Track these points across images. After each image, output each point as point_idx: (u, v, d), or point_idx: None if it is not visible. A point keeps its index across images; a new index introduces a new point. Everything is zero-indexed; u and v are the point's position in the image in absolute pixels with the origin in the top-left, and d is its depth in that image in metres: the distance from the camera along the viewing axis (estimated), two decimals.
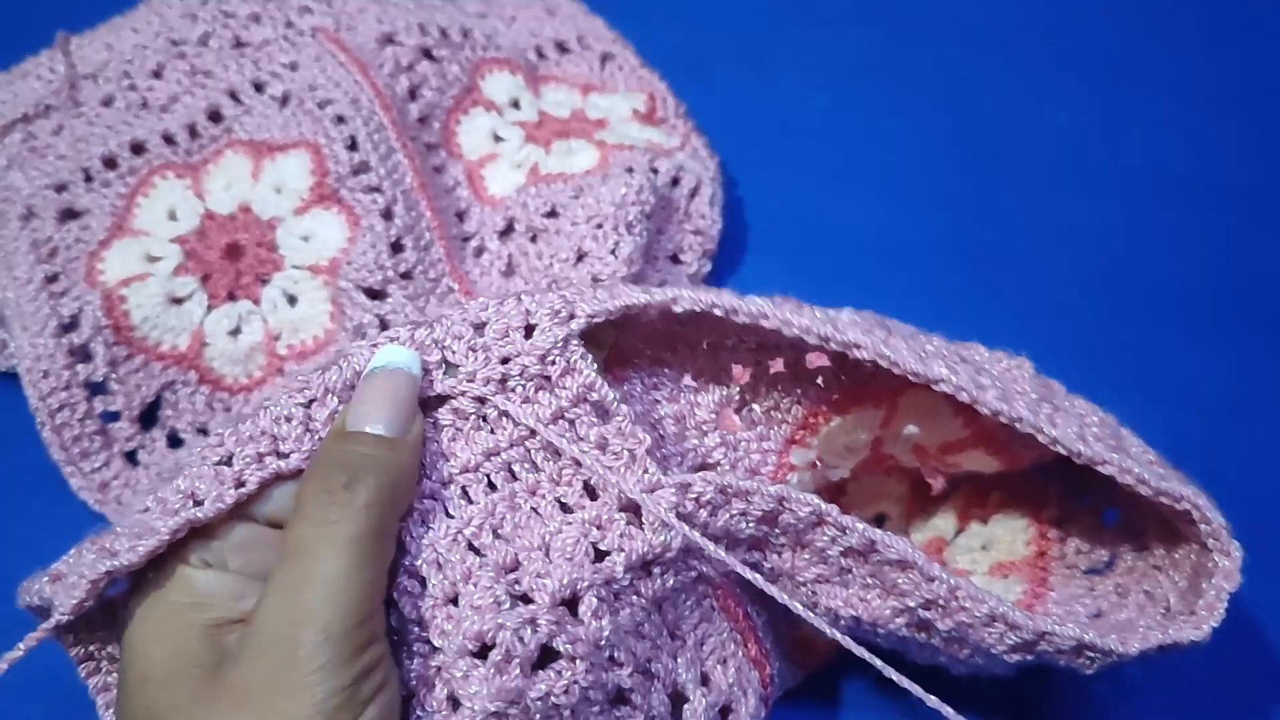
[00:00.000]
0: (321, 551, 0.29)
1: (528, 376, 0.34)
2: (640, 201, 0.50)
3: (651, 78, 0.60)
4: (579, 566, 0.32)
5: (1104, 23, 0.67)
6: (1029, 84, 0.64)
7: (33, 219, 0.50)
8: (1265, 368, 0.54)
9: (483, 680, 0.30)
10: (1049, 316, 0.55)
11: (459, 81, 0.57)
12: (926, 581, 0.34)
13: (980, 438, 0.39)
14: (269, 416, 0.33)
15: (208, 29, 0.56)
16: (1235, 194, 0.60)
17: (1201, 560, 0.36)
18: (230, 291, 0.50)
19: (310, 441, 0.32)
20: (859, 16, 0.67)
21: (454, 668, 0.31)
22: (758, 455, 0.38)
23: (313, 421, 0.33)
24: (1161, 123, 0.63)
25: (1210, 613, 0.35)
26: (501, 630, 0.31)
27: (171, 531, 0.31)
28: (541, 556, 0.33)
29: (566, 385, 0.34)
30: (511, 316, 0.34)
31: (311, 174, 0.51)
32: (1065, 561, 0.42)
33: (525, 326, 0.34)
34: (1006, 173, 0.60)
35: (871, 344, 0.34)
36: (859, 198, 0.59)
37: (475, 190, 0.55)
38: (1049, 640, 0.34)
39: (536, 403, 0.34)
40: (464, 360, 0.34)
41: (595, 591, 0.32)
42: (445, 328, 0.34)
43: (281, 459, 0.32)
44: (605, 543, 0.33)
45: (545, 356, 0.34)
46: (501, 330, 0.34)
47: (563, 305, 0.34)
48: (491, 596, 0.31)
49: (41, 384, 0.46)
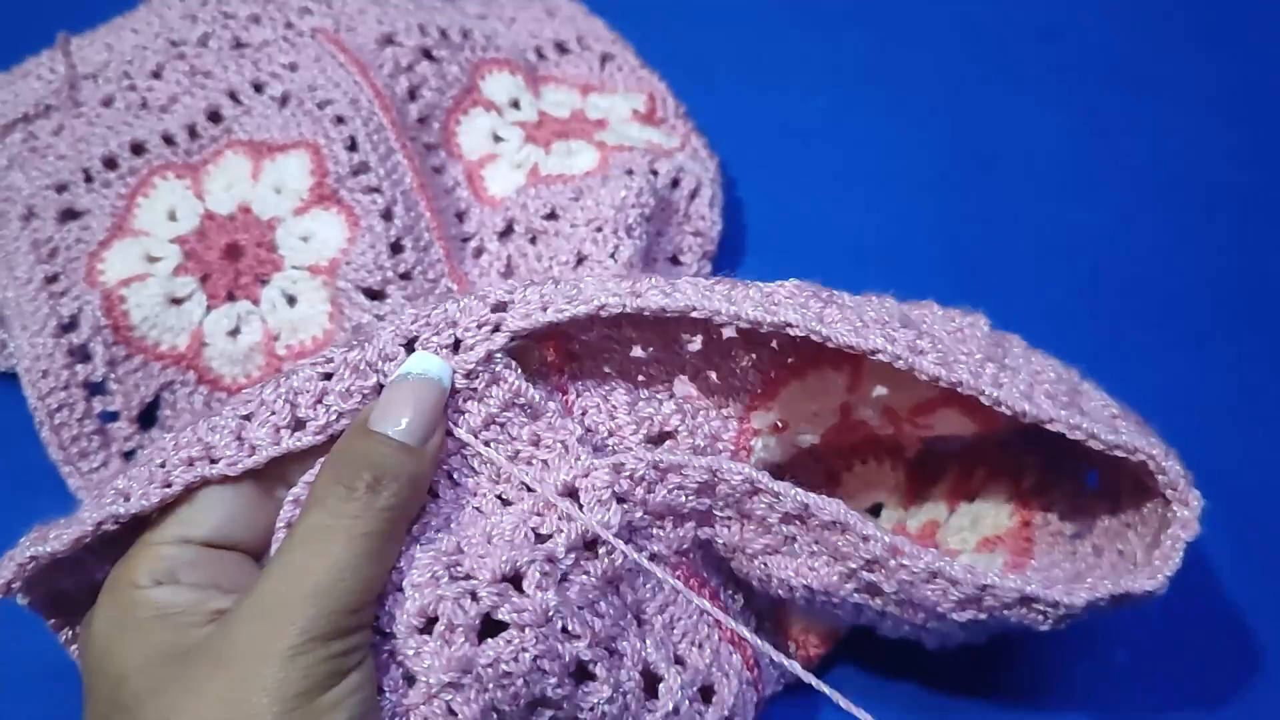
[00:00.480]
0: (336, 539, 0.31)
1: (454, 389, 0.35)
2: (640, 204, 0.50)
3: (651, 78, 0.60)
4: (519, 547, 0.33)
5: (1101, 26, 0.67)
6: (1027, 86, 0.64)
7: (33, 219, 0.50)
8: (1263, 370, 0.54)
9: (432, 654, 0.31)
10: (1046, 317, 0.55)
11: (459, 82, 0.57)
12: (863, 541, 0.35)
13: (950, 398, 0.38)
14: (290, 387, 0.34)
15: (207, 30, 0.56)
16: (1232, 196, 0.60)
17: (1166, 513, 0.36)
18: (229, 292, 0.50)
19: (325, 415, 0.34)
20: (858, 17, 0.67)
21: (405, 648, 0.32)
22: (718, 422, 0.39)
23: (328, 395, 0.34)
24: (1158, 125, 0.63)
25: (1165, 562, 0.35)
26: (442, 601, 0.32)
27: (163, 499, 0.33)
28: (483, 543, 0.34)
29: (493, 395, 0.35)
30: (441, 331, 0.35)
31: (311, 174, 0.51)
32: (1050, 529, 0.42)
33: (453, 343, 0.35)
34: (1004, 174, 0.60)
35: (803, 321, 0.34)
36: (858, 199, 0.59)
37: (475, 191, 0.55)
38: (991, 594, 0.34)
39: (466, 412, 0.35)
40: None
41: (538, 567, 0.33)
42: (377, 346, 0.35)
43: (298, 429, 0.34)
44: (545, 527, 0.34)
45: (471, 374, 0.34)
46: (431, 348, 0.35)
47: (488, 318, 0.35)
48: (430, 573, 0.32)
49: (40, 384, 0.46)
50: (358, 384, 0.34)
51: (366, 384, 0.34)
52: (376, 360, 0.34)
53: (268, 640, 0.29)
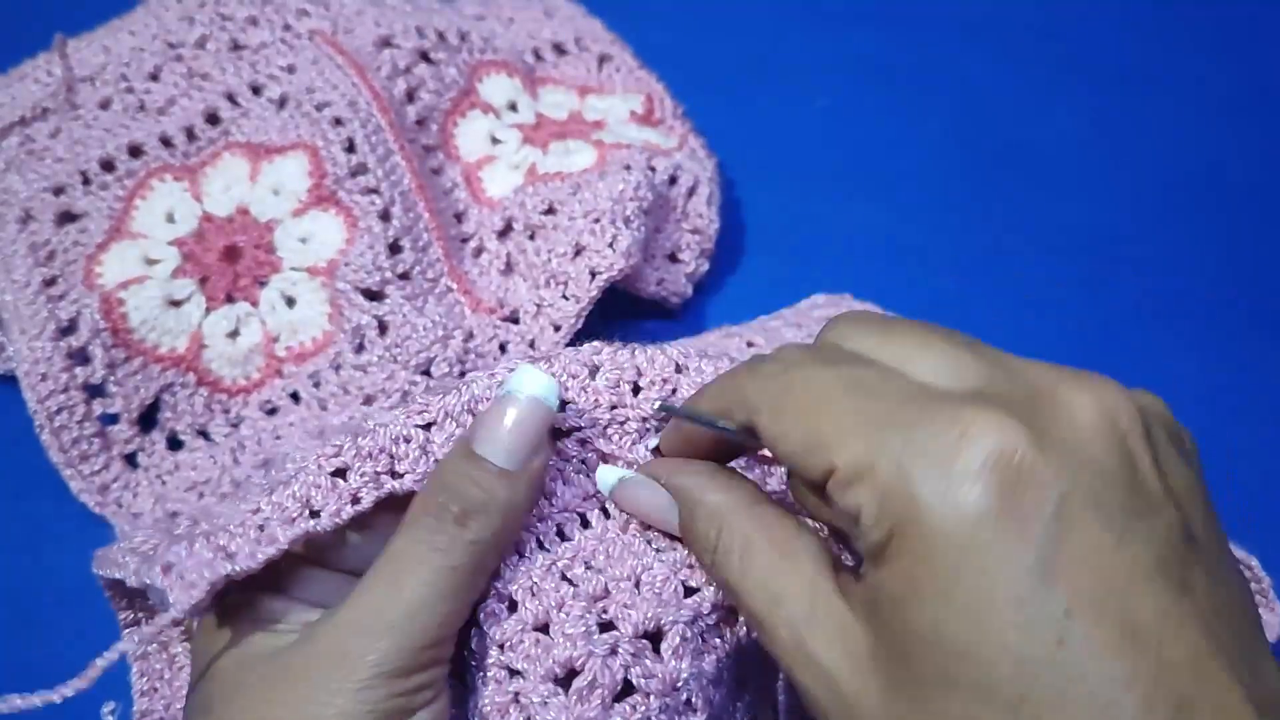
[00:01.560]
0: (417, 571, 0.30)
1: (627, 431, 0.35)
2: (638, 197, 0.50)
3: (649, 79, 0.60)
4: (665, 604, 0.32)
5: (1104, 24, 0.67)
6: (1028, 85, 0.64)
7: (31, 222, 0.50)
8: (1267, 369, 0.54)
9: (561, 708, 0.31)
10: (1047, 318, 0.55)
11: (456, 84, 0.57)
12: None
13: None
14: (387, 435, 0.33)
15: (205, 32, 0.56)
16: (1236, 195, 0.60)
17: None
18: (228, 293, 0.50)
19: (425, 464, 0.33)
20: (857, 17, 0.67)
21: (534, 693, 0.31)
22: None
23: (430, 444, 0.33)
24: (1160, 125, 0.63)
25: None
26: (591, 657, 0.31)
27: (290, 540, 0.31)
28: (631, 588, 0.33)
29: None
30: (624, 369, 0.35)
31: (309, 176, 0.51)
32: None
33: (635, 384, 0.35)
34: (1005, 174, 0.60)
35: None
36: (857, 198, 0.59)
37: (473, 192, 0.55)
38: None
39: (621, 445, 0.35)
40: (577, 397, 0.35)
41: (680, 630, 0.32)
42: (562, 364, 0.35)
43: (396, 479, 0.32)
44: (694, 580, 0.33)
45: (646, 420, 0.35)
46: (614, 380, 0.35)
47: (670, 374, 0.35)
48: (584, 625, 0.32)
49: (40, 387, 0.46)
50: None
51: None
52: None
53: (339, 670, 0.29)
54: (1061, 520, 0.24)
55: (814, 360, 0.28)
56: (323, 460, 0.32)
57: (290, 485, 0.32)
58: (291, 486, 0.32)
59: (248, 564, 0.31)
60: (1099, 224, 0.58)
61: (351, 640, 0.29)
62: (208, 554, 0.31)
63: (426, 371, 0.49)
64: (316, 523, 0.31)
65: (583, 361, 0.35)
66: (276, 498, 0.32)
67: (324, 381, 0.49)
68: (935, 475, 0.24)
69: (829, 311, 0.52)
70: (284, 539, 0.31)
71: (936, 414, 0.25)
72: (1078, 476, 0.24)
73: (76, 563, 0.43)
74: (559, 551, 0.34)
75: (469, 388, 0.34)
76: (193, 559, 0.31)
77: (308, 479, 0.32)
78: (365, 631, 0.29)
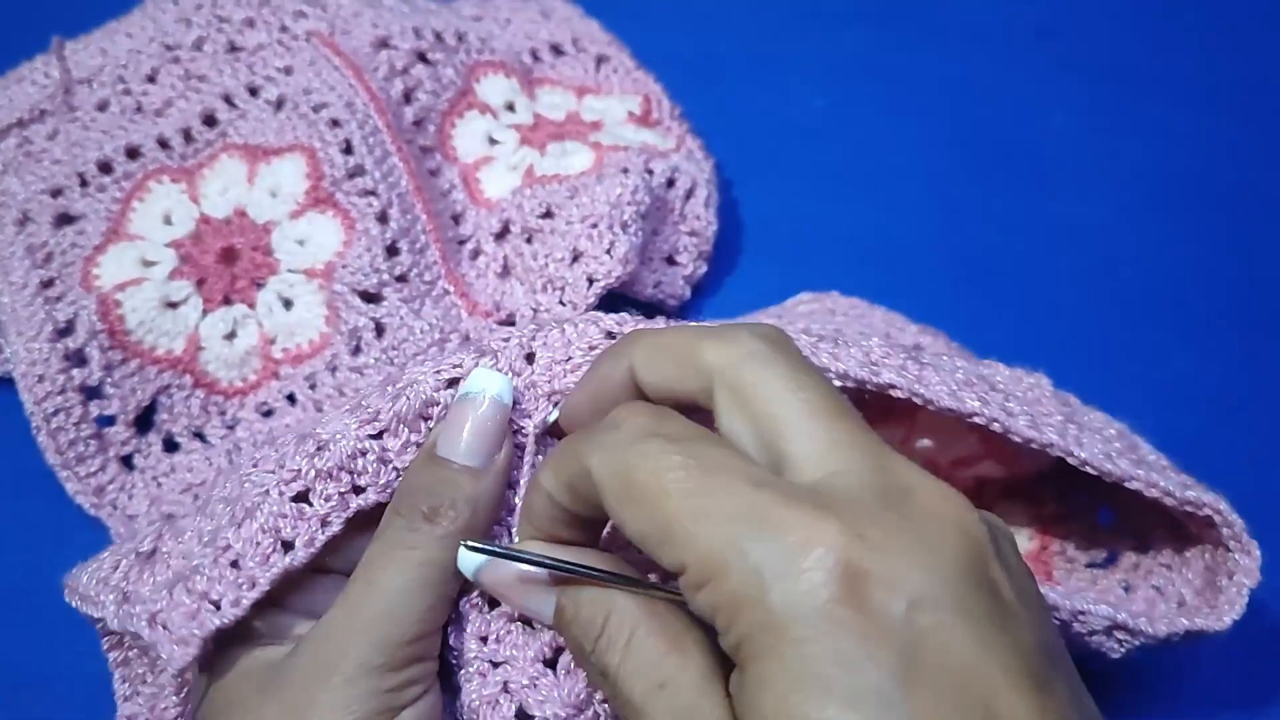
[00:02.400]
0: (392, 569, 0.31)
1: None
2: (635, 201, 0.50)
3: (647, 80, 0.60)
4: None
5: (1101, 24, 0.67)
6: (1026, 85, 0.64)
7: (28, 224, 0.50)
8: (1263, 369, 0.54)
9: (552, 685, 0.31)
10: (1045, 318, 0.55)
11: (454, 85, 0.57)
12: None
13: (992, 451, 0.41)
14: (342, 452, 0.33)
15: (202, 33, 0.56)
16: (1233, 195, 0.60)
17: (1216, 559, 0.38)
18: (225, 295, 0.50)
19: (386, 473, 0.33)
20: (855, 18, 0.67)
21: (522, 676, 0.32)
22: None
23: (387, 453, 0.33)
24: (1158, 124, 0.63)
25: (1232, 607, 0.37)
26: None
27: (271, 582, 0.31)
28: None
29: None
30: (555, 348, 0.35)
31: (306, 178, 0.51)
32: (1066, 555, 0.43)
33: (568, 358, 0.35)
34: (1003, 174, 0.60)
35: (906, 384, 0.35)
36: (855, 199, 0.59)
37: (471, 193, 0.55)
38: (1082, 620, 0.35)
39: None
40: (543, 349, 0.35)
41: None
42: (506, 358, 0.35)
43: (359, 494, 0.33)
44: None
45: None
46: (546, 362, 0.35)
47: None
48: None
49: (37, 388, 0.46)
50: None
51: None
52: None
53: (322, 672, 0.29)
54: (918, 623, 0.23)
55: (656, 436, 0.27)
56: (283, 486, 0.32)
57: (255, 517, 0.32)
58: (257, 519, 0.32)
59: (234, 613, 0.31)
60: (1095, 224, 0.58)
61: (334, 642, 0.30)
62: (190, 603, 0.31)
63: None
64: (292, 556, 0.32)
65: (521, 345, 0.35)
66: (245, 532, 0.32)
67: (320, 384, 0.49)
68: (785, 579, 0.24)
69: (815, 308, 0.52)
70: (265, 580, 0.31)
71: (784, 515, 0.24)
72: (929, 580, 0.24)
73: (72, 564, 0.43)
74: None
75: (416, 389, 0.34)
76: (176, 611, 0.31)
77: (272, 508, 0.32)
78: (346, 631, 0.30)
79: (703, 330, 0.29)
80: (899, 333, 0.50)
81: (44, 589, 0.45)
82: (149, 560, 0.34)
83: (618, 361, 0.31)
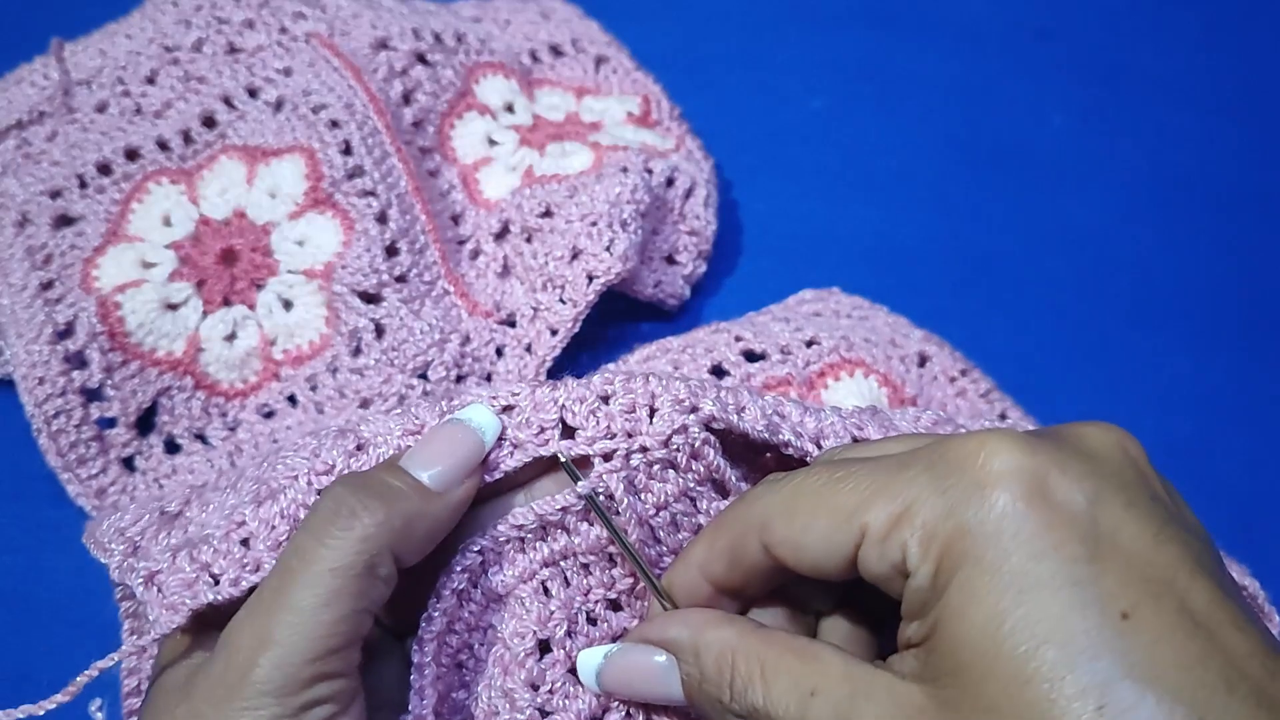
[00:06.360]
0: (301, 578, 0.29)
1: (652, 459, 0.34)
2: (635, 200, 0.50)
3: (646, 80, 0.60)
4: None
5: (1100, 25, 0.67)
6: (1024, 86, 0.64)
7: (28, 225, 0.50)
8: (1262, 370, 0.54)
9: None
10: (1043, 318, 0.55)
11: (453, 86, 0.57)
12: None
13: None
14: (380, 456, 0.33)
15: (201, 35, 0.56)
16: (1231, 197, 0.60)
17: None
18: (225, 297, 0.50)
19: None
20: (854, 18, 0.67)
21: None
22: None
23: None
24: (1157, 125, 0.63)
25: None
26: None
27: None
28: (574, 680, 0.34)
29: (694, 468, 0.34)
30: (638, 394, 0.34)
31: (306, 179, 0.51)
32: None
33: (650, 408, 0.34)
34: (1001, 175, 0.60)
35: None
36: (854, 199, 0.59)
37: (470, 194, 0.55)
38: None
39: (664, 480, 0.34)
40: (584, 424, 0.34)
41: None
42: (568, 391, 0.34)
43: None
44: None
45: (669, 440, 0.34)
46: (628, 405, 0.34)
47: (687, 396, 0.34)
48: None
49: (37, 391, 0.46)
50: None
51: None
52: None
53: (224, 692, 0.28)
54: (1096, 515, 0.26)
55: (810, 466, 0.30)
56: (313, 476, 0.33)
57: (278, 500, 0.32)
58: (280, 502, 0.32)
59: (231, 592, 0.30)
60: (1092, 224, 0.58)
61: (235, 659, 0.28)
62: (190, 571, 0.31)
63: (423, 375, 0.49)
64: None
65: (595, 390, 0.34)
66: (264, 513, 0.32)
67: (321, 385, 0.49)
68: (968, 492, 0.26)
69: (816, 306, 0.52)
70: (270, 565, 0.31)
71: (951, 447, 0.27)
72: (1102, 482, 0.26)
73: (73, 566, 0.44)
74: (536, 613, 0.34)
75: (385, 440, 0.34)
76: (175, 576, 0.31)
77: (297, 496, 0.32)
78: (248, 648, 0.28)
79: None
80: (903, 339, 0.50)
81: (44, 589, 0.45)
82: (171, 521, 0.34)
83: None
